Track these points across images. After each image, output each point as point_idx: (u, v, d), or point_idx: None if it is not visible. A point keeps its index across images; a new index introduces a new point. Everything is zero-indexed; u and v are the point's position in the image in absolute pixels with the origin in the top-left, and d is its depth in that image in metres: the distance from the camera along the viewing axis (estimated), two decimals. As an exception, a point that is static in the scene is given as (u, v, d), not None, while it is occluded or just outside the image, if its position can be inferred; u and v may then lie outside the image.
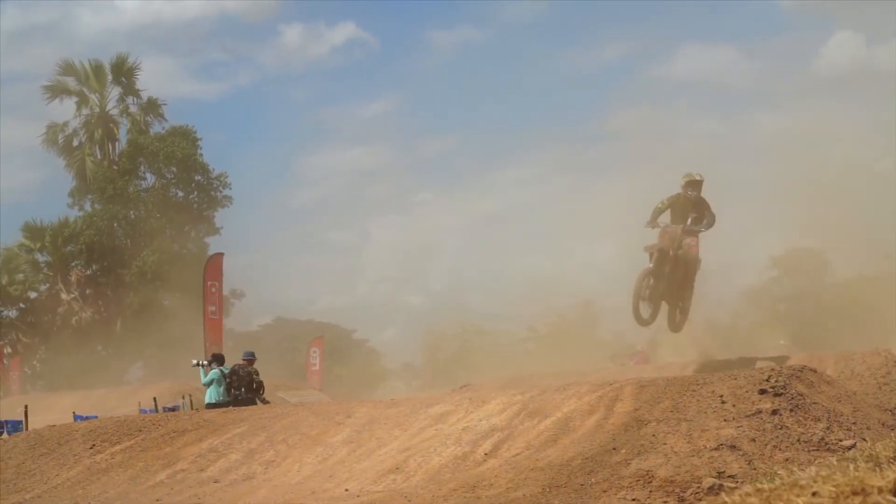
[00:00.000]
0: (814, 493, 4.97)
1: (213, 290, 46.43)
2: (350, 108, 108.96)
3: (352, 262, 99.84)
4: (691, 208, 23.94)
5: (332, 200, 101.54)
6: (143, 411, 28.82)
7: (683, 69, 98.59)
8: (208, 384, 26.02)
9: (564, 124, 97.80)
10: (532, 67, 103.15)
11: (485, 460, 13.41)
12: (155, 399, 30.78)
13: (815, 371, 14.19)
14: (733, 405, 12.65)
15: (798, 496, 4.99)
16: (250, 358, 26.80)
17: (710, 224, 23.77)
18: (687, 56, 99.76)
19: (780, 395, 12.75)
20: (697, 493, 10.44)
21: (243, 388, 25.93)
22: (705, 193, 24.28)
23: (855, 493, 4.82)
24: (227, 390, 25.97)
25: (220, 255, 48.62)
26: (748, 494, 5.38)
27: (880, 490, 4.80)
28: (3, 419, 30.86)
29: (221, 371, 26.29)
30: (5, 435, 26.03)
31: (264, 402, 25.62)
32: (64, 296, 59.31)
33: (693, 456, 11.56)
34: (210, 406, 25.23)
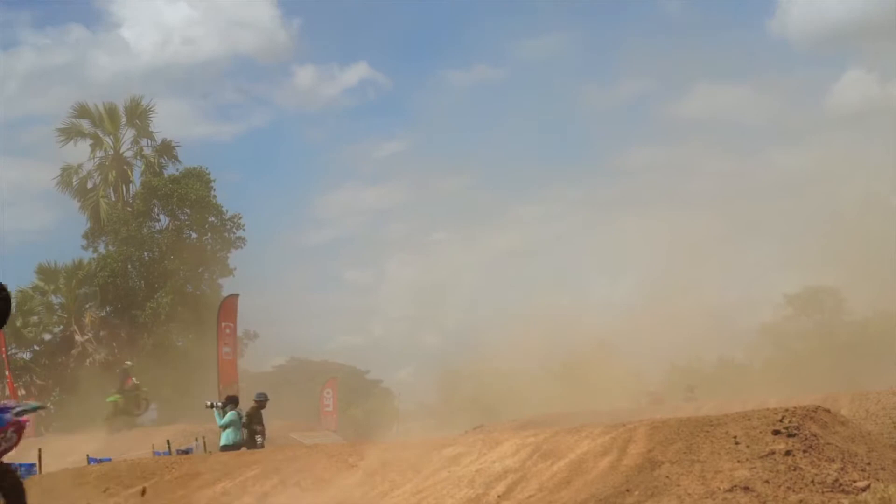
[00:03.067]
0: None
1: (228, 331, 46.53)
2: (365, 147, 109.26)
3: (367, 302, 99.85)
4: None
5: (347, 240, 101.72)
6: (156, 454, 28.80)
7: (698, 107, 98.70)
8: (225, 426, 25.99)
9: (580, 162, 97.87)
10: (547, 105, 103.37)
11: (498, 502, 13.36)
12: (168, 441, 30.77)
13: (829, 411, 14.11)
14: (747, 446, 12.59)
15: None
16: (261, 400, 26.79)
17: None
18: (702, 93, 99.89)
19: (793, 435, 12.68)
20: (711, 535, 10.40)
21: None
22: None
23: (866, 538, 4.81)
24: (250, 432, 25.98)
25: (235, 296, 48.75)
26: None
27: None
28: (16, 462, 30.85)
29: (238, 413, 26.28)
30: (19, 478, 26.00)
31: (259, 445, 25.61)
32: (78, 337, 59.39)
33: (707, 497, 11.51)
34: (225, 448, 25.21)
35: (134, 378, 45.04)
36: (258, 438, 25.93)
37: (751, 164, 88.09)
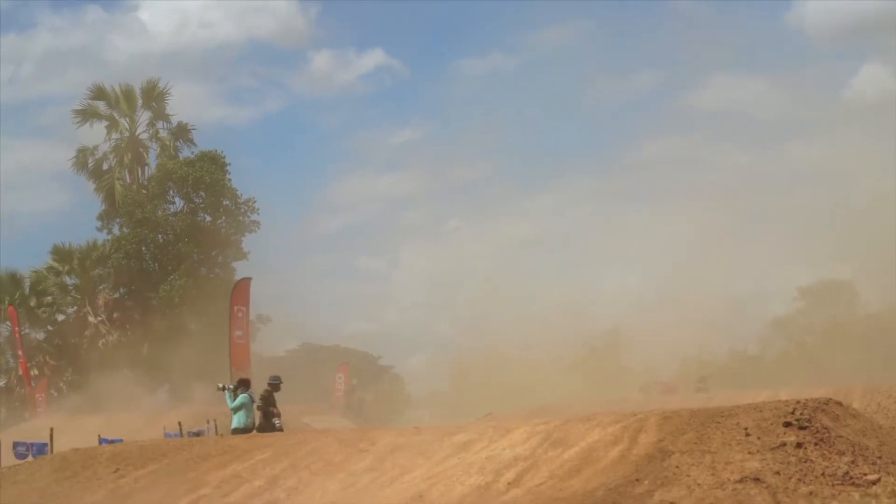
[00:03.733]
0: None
1: (240, 314, 46.51)
2: (380, 134, 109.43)
3: (380, 289, 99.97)
4: None
5: (362, 227, 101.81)
6: (168, 435, 28.88)
7: (713, 99, 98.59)
8: (237, 409, 25.98)
9: (594, 152, 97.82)
10: (562, 95, 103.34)
11: (508, 490, 13.37)
12: (180, 423, 30.84)
13: (840, 404, 14.08)
14: (758, 437, 12.57)
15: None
16: (276, 383, 26.77)
17: None
18: (717, 86, 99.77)
19: (804, 427, 12.66)
20: (720, 526, 10.39)
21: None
22: None
23: (876, 530, 4.80)
24: (265, 415, 25.96)
25: (248, 279, 48.69)
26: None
27: (901, 527, 4.78)
28: (28, 441, 30.99)
29: (251, 396, 26.27)
30: (30, 457, 26.14)
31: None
32: (91, 319, 59.55)
33: (717, 488, 11.50)
34: (237, 431, 25.22)
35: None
36: (276, 421, 25.91)
37: (765, 157, 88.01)
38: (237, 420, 25.94)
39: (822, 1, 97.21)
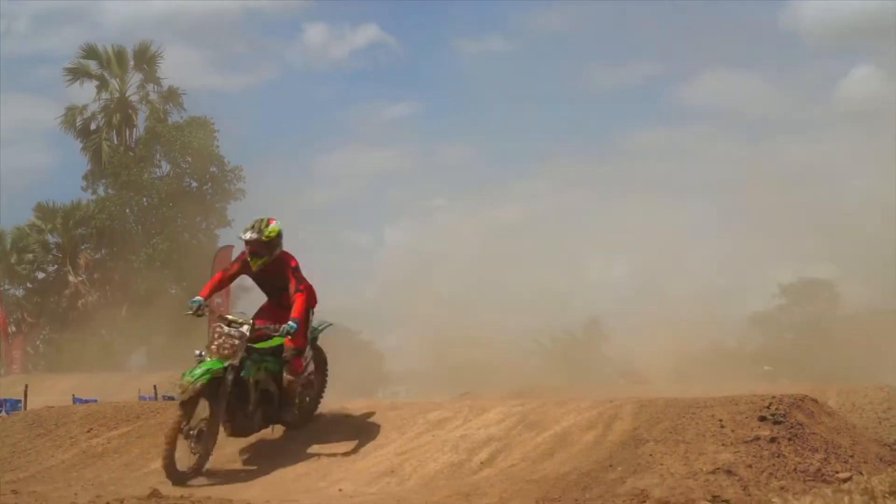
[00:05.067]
0: (806, 523, 4.95)
1: (221, 282, 46.43)
2: (370, 110, 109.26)
3: (363, 264, 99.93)
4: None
5: (348, 201, 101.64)
6: (142, 398, 28.83)
7: (705, 93, 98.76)
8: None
9: (585, 139, 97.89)
10: (556, 80, 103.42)
11: (480, 469, 13.38)
12: (155, 387, 30.80)
13: (816, 401, 14.12)
14: (732, 430, 12.59)
15: (790, 524, 4.96)
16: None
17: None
18: (710, 80, 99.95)
19: (779, 423, 12.69)
20: (691, 515, 10.41)
21: None
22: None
23: (847, 525, 4.79)
24: None
25: (230, 247, 48.59)
26: (740, 519, 5.36)
27: (873, 523, 4.77)
28: (2, 398, 30.92)
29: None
30: (3, 413, 26.08)
31: None
32: (72, 278, 59.46)
33: (689, 478, 11.52)
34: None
35: None
36: None
37: (754, 154, 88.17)
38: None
39: (817, 1, 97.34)
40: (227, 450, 16.01)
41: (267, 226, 14.78)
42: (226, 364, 14.22)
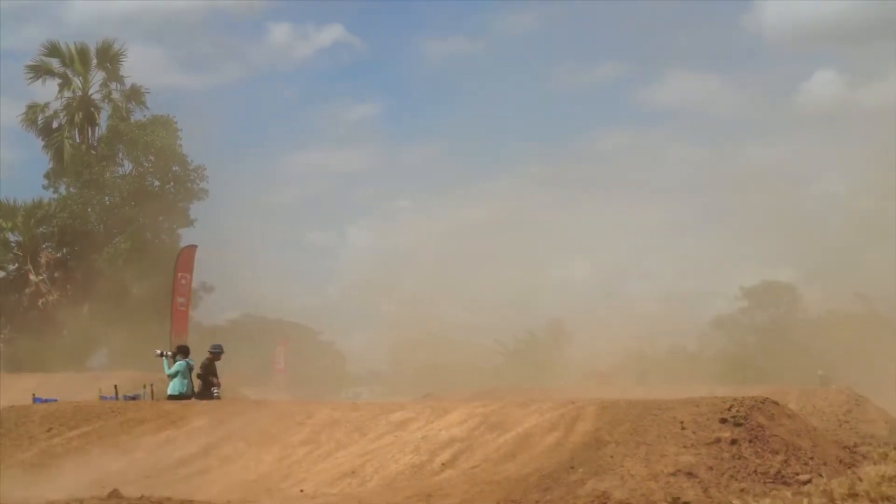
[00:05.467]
0: (766, 525, 4.97)
1: (184, 281, 46.31)
2: (335, 110, 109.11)
3: (326, 264, 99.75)
4: None
5: (311, 201, 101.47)
6: (103, 398, 28.64)
7: (670, 95, 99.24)
8: (173, 375, 25.85)
9: (549, 140, 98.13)
10: (521, 82, 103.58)
11: (442, 470, 13.38)
12: (116, 387, 30.57)
13: (777, 403, 14.20)
14: (693, 432, 12.64)
15: (750, 526, 4.98)
16: (217, 352, 26.64)
17: None
18: (674, 82, 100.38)
19: (740, 425, 12.76)
20: (651, 517, 10.44)
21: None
22: None
23: (806, 527, 4.81)
24: (205, 383, 25.85)
25: (194, 247, 48.46)
26: (700, 521, 5.37)
27: (832, 526, 4.80)
28: (-39, 396, 30.64)
29: (188, 363, 26.16)
30: (-37, 412, 25.82)
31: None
32: (32, 277, 58.96)
33: (650, 480, 11.55)
34: (172, 397, 25.10)
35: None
36: (214, 390, 25.82)
37: (718, 156, 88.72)
38: (173, 386, 25.81)
39: (779, 2, 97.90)
40: (189, 449, 15.96)
41: None
42: None
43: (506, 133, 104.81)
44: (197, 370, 26.21)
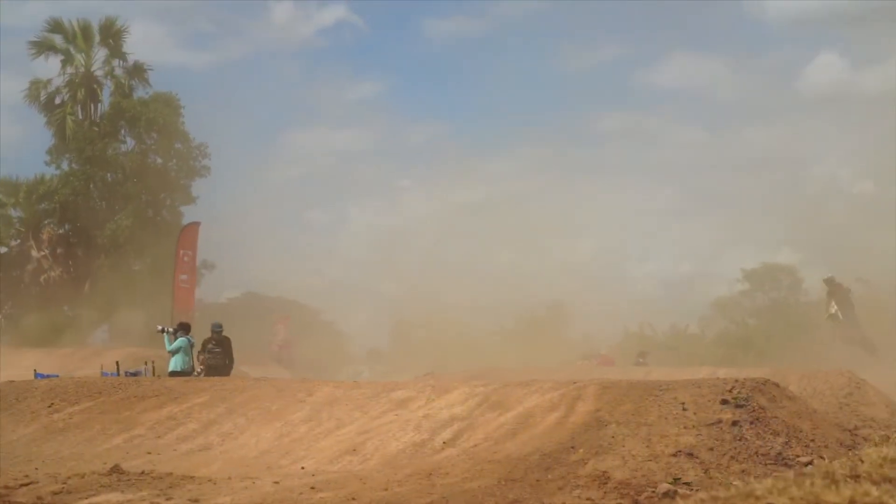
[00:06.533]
0: (768, 504, 4.95)
1: (186, 258, 46.38)
2: (337, 89, 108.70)
3: (328, 243, 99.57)
4: None
5: (314, 180, 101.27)
6: (104, 374, 28.69)
7: (672, 76, 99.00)
8: (174, 352, 25.93)
9: (552, 121, 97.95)
10: (524, 62, 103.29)
11: (443, 449, 13.39)
12: (117, 363, 30.63)
13: (777, 385, 14.21)
14: (694, 413, 12.65)
15: (752, 506, 4.96)
16: (218, 331, 26.72)
17: None
18: (676, 64, 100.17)
19: (741, 406, 12.76)
20: (652, 497, 10.42)
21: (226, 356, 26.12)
22: None
23: (809, 507, 4.80)
24: (217, 357, 26.00)
25: (196, 224, 48.51)
26: (703, 501, 5.36)
27: (834, 506, 4.78)
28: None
29: (189, 340, 26.23)
30: (-36, 387, 25.86)
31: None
32: (34, 253, 58.95)
33: (650, 460, 11.56)
34: (174, 374, 25.16)
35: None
36: (198, 368, 26.03)
37: (719, 139, 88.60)
38: (174, 363, 25.89)
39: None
40: (190, 426, 15.98)
41: None
42: None
43: (507, 114, 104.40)
44: (197, 347, 26.35)
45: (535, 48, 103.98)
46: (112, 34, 60.72)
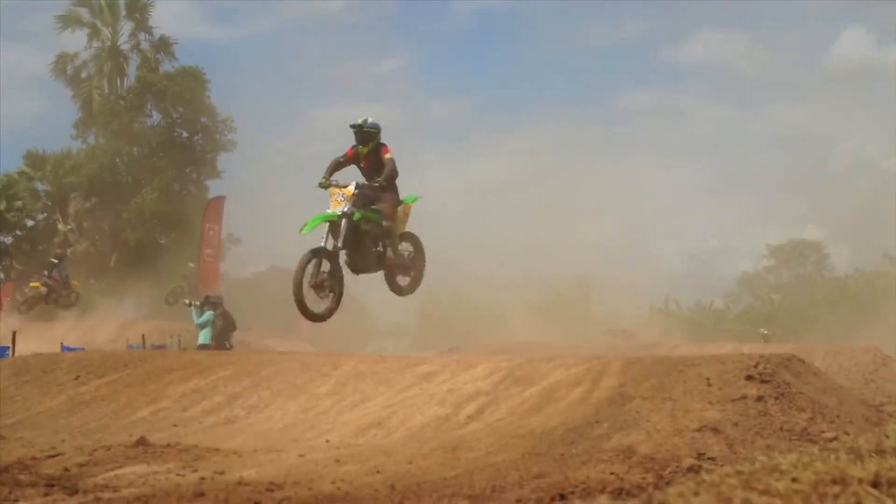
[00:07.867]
0: (793, 479, 4.95)
1: (212, 233, 46.50)
2: (362, 64, 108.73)
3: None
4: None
5: (337, 154, 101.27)
6: (130, 347, 28.85)
7: (698, 53, 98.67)
8: (202, 325, 26.05)
9: (576, 98, 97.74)
10: (549, 38, 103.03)
11: (467, 423, 13.41)
12: (143, 336, 30.80)
13: (803, 361, 14.19)
14: (719, 388, 12.64)
15: (778, 481, 4.96)
16: (216, 302, 26.88)
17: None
18: (701, 40, 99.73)
19: (766, 382, 12.74)
20: (676, 471, 10.41)
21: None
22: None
23: (835, 482, 4.79)
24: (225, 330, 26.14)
25: (222, 198, 48.59)
26: (728, 476, 5.35)
27: (860, 480, 4.78)
28: (-9, 344, 30.86)
29: (215, 313, 26.36)
30: (-8, 359, 26.03)
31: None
32: (61, 226, 59.21)
33: (675, 435, 11.56)
34: (203, 347, 25.31)
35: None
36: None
37: (746, 116, 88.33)
38: (203, 336, 26.02)
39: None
40: (215, 399, 16.05)
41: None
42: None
43: (532, 90, 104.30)
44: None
45: (561, 24, 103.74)
46: (138, 8, 60.81)
